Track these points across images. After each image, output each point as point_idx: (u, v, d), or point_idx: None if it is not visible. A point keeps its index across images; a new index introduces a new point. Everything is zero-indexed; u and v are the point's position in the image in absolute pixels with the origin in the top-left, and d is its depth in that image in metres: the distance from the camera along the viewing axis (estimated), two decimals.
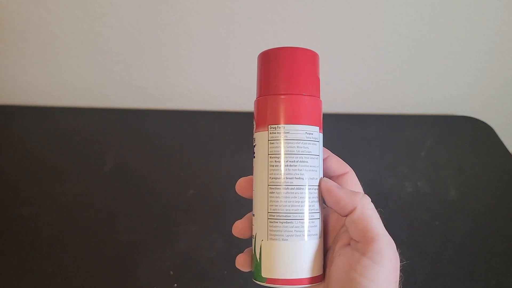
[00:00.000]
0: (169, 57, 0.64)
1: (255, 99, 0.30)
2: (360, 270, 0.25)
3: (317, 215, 0.29)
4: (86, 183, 0.56)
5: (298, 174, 0.28)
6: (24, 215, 0.52)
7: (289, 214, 0.28)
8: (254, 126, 0.30)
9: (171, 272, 0.46)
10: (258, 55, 0.31)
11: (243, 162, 0.57)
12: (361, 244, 0.26)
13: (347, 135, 0.65)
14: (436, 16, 0.60)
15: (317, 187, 0.29)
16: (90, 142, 0.62)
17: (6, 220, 0.51)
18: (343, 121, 0.67)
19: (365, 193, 0.28)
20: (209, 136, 0.64)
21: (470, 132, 0.68)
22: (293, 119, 0.29)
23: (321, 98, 0.30)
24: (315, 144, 0.29)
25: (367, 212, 0.27)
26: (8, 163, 0.59)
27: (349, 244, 0.28)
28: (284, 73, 0.29)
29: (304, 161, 0.28)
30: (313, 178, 0.29)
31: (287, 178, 0.28)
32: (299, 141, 0.28)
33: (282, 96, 0.29)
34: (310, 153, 0.29)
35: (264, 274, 0.28)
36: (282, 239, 0.28)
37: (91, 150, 0.61)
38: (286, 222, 0.28)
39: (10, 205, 0.53)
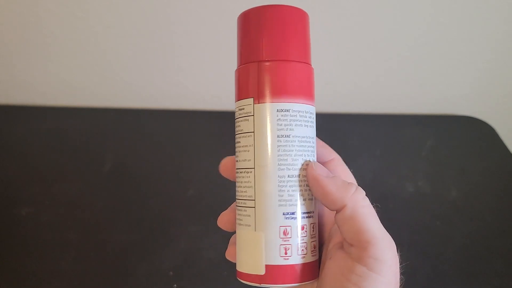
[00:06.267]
0: (169, 57, 0.64)
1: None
2: (354, 280, 0.22)
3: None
4: (85, 183, 0.56)
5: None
6: (23, 215, 0.51)
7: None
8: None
9: (171, 273, 0.46)
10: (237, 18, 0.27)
11: None
12: (355, 249, 0.23)
13: (347, 135, 0.64)
14: (437, 15, 0.60)
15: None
16: (89, 142, 0.62)
17: (5, 220, 0.51)
18: (343, 121, 0.67)
19: (366, 194, 0.25)
20: (209, 136, 0.64)
21: (471, 132, 0.67)
22: (259, 93, 0.24)
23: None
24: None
25: (360, 210, 0.23)
26: (6, 163, 0.59)
27: (341, 245, 0.24)
28: (252, 38, 0.26)
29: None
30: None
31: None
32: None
33: (247, 65, 0.25)
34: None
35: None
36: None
37: (90, 150, 0.61)
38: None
39: (9, 205, 0.53)
